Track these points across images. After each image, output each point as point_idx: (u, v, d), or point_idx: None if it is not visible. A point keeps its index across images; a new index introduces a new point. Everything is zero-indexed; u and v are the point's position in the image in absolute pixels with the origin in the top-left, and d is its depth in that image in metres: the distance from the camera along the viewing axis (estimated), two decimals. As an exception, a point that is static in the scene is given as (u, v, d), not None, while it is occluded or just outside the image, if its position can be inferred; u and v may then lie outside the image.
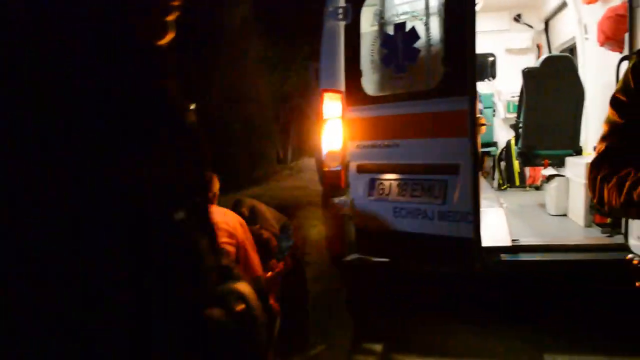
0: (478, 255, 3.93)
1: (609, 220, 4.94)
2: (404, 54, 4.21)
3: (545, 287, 5.06)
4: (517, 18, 8.07)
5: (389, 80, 4.37)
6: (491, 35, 8.03)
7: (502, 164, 7.86)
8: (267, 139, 16.69)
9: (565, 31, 7.17)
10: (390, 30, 4.30)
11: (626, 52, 4.46)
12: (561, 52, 7.40)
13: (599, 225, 5.07)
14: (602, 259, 4.47)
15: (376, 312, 5.10)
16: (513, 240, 4.62)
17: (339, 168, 4.61)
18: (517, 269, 4.57)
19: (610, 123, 1.69)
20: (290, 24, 14.45)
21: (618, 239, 4.63)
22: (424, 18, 4.12)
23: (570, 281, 4.98)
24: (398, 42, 4.24)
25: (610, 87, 4.61)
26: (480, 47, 8.13)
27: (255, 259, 3.61)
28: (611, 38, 5.05)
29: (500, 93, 8.13)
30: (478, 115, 3.92)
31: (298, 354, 4.47)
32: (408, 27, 4.18)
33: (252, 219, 4.20)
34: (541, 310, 4.84)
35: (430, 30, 4.08)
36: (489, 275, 4.89)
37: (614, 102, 1.69)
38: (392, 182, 4.40)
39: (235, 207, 4.21)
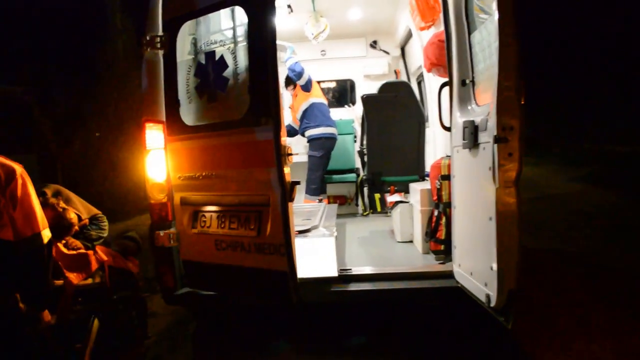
0: (294, 289, 3.82)
1: (442, 247, 4.99)
2: (215, 83, 4.12)
3: (381, 316, 5.07)
4: (374, 44, 8.18)
5: (204, 110, 4.25)
6: (349, 61, 8.12)
7: (365, 190, 7.89)
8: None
9: (417, 57, 7.32)
10: (203, 59, 4.19)
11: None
12: (417, 77, 7.54)
13: (433, 252, 5.11)
14: (430, 286, 4.48)
15: (216, 345, 5.02)
16: (342, 270, 4.57)
17: (165, 200, 4.46)
18: (347, 299, 4.52)
19: None
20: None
21: (450, 266, 4.66)
22: (232, 46, 4.04)
23: (400, 308, 4.99)
24: (209, 70, 4.14)
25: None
26: (339, 73, 8.31)
27: (34, 212, 3.31)
28: (436, 64, 5.10)
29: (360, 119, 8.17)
30: (286, 145, 3.84)
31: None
32: (217, 55, 4.09)
33: None
34: (375, 338, 4.84)
35: (238, 59, 4.00)
36: (322, 305, 4.82)
37: None
38: (212, 214, 4.27)
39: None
